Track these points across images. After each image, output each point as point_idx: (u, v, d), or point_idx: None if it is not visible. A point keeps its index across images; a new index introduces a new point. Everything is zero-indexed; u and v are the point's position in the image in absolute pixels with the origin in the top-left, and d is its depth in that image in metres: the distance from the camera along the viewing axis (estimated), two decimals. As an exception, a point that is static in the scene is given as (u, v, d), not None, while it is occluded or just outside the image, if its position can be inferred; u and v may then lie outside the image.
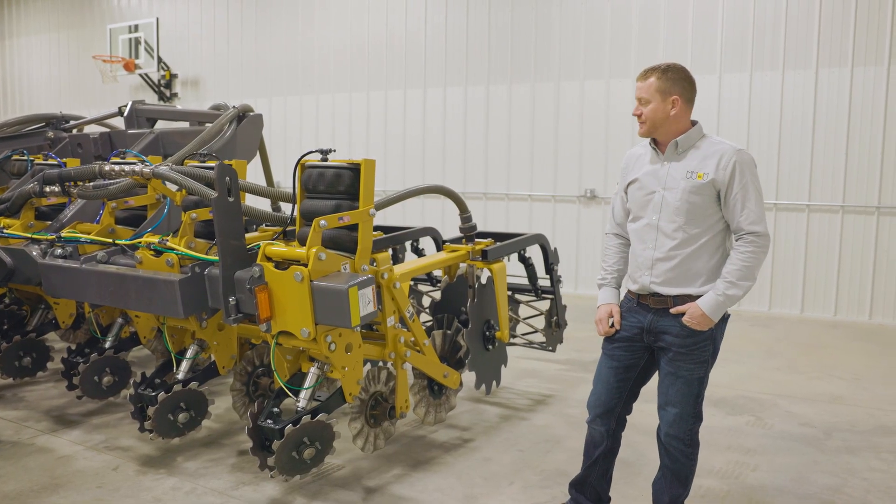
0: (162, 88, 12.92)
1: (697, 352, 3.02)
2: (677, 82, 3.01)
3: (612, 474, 3.44)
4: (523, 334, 5.74)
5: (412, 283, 5.55)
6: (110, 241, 4.48)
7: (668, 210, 3.01)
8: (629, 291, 3.23)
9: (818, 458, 4.33)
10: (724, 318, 3.08)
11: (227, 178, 3.71)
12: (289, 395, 3.80)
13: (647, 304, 3.11)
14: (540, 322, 5.73)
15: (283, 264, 3.65)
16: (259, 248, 3.74)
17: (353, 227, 3.74)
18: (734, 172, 2.93)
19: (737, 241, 2.99)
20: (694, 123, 3.06)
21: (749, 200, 2.95)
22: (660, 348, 3.10)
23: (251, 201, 4.50)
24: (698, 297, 3.00)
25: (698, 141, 3.04)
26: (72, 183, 4.68)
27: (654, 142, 3.10)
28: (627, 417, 3.36)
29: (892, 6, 7.64)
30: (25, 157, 5.49)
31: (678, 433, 3.11)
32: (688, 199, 2.97)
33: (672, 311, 3.02)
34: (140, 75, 12.88)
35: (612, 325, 3.21)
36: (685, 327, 2.99)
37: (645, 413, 5.07)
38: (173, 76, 12.90)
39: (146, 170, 4.14)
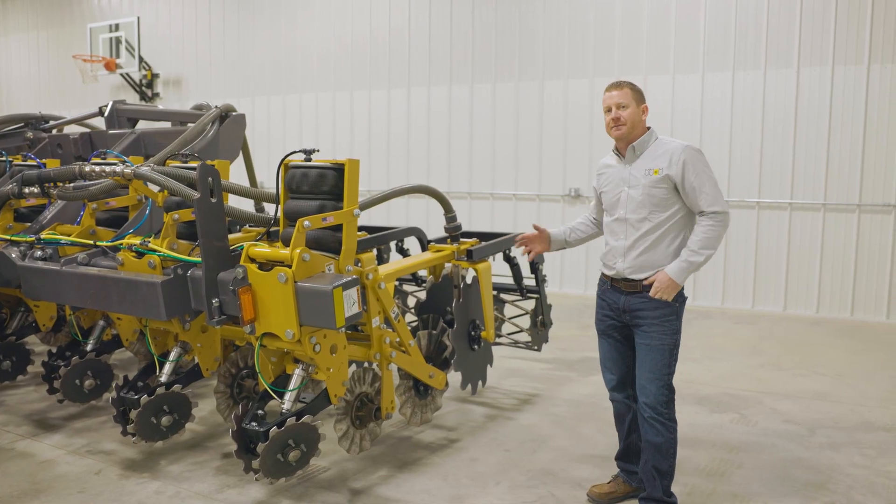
0: (143, 88, 12.82)
1: (668, 322, 3.42)
2: (642, 95, 3.54)
3: None
4: (509, 334, 5.74)
5: (397, 283, 5.53)
6: (91, 242, 4.43)
7: (633, 204, 3.45)
8: (603, 275, 3.64)
9: (802, 455, 4.36)
10: (683, 300, 3.48)
11: (210, 179, 3.68)
12: (273, 397, 3.78)
13: (619, 288, 3.53)
14: (525, 321, 5.73)
15: (266, 265, 3.62)
16: (242, 249, 3.72)
17: (338, 228, 3.72)
18: (685, 166, 3.37)
19: (700, 218, 3.40)
20: (648, 128, 3.53)
21: (704, 186, 3.36)
22: (635, 325, 3.49)
23: (234, 202, 4.47)
24: None
25: (652, 143, 3.50)
26: (51, 184, 4.62)
27: (616, 150, 3.57)
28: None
29: (872, 6, 7.71)
30: (4, 158, 5.41)
31: (657, 403, 3.43)
32: (649, 193, 3.42)
33: (645, 282, 3.42)
34: (121, 75, 12.77)
35: (530, 249, 3.86)
36: (655, 301, 3.40)
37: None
38: (155, 76, 12.80)
39: (127, 170, 4.09)
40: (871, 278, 7.96)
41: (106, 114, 6.74)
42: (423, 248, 5.16)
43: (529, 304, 5.63)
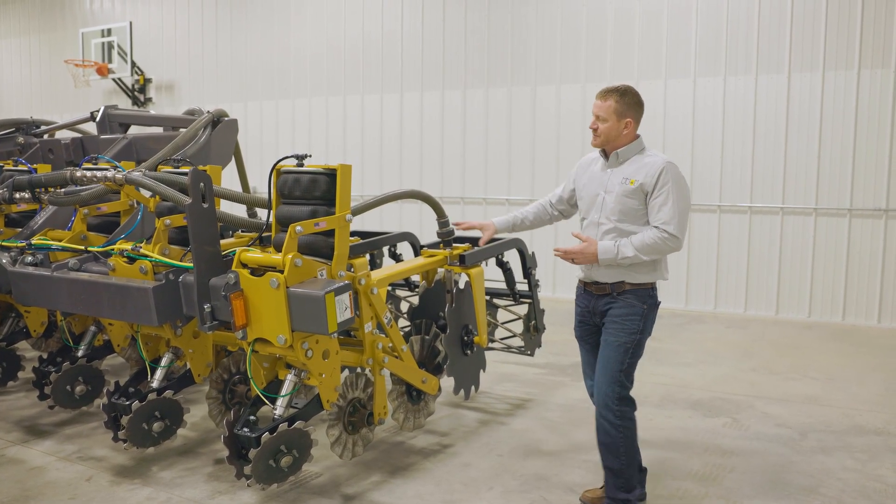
0: (136, 93, 12.79)
1: (629, 322, 3.46)
2: (631, 107, 3.47)
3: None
4: (502, 339, 5.74)
5: (390, 288, 5.52)
6: (82, 248, 4.42)
7: (606, 210, 3.49)
8: (579, 280, 3.69)
9: (794, 459, 4.37)
10: (655, 304, 3.55)
11: (202, 184, 3.67)
12: (265, 403, 3.77)
13: (591, 291, 3.59)
14: (518, 326, 5.73)
15: (258, 271, 3.62)
16: (234, 254, 3.71)
17: (330, 233, 3.71)
18: (659, 179, 3.38)
19: (651, 227, 3.41)
20: (637, 136, 3.51)
21: (667, 205, 3.37)
22: (602, 325, 3.55)
23: (226, 207, 4.46)
24: (631, 283, 3.47)
25: (637, 153, 3.51)
26: (42, 189, 4.60)
27: (603, 151, 3.57)
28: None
29: (862, 12, 7.77)
30: (-5, 163, 5.39)
31: (608, 401, 3.44)
32: (621, 202, 3.44)
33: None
34: (113, 80, 12.73)
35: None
36: (621, 302, 3.47)
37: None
38: (147, 80, 12.77)
39: (119, 176, 4.08)
40: (862, 282, 7.99)
41: (98, 119, 6.73)
42: (416, 253, 5.16)
43: (522, 309, 5.64)
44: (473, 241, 5.14)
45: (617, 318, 3.47)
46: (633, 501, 3.54)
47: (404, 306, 5.82)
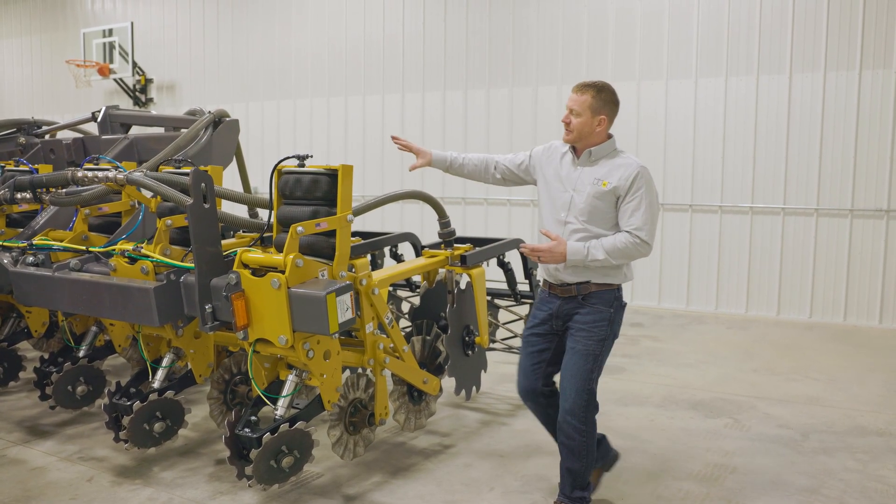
0: (137, 93, 12.79)
1: (596, 329, 3.40)
2: (607, 104, 3.41)
3: None
4: (503, 339, 5.74)
5: (391, 288, 5.52)
6: (84, 248, 4.42)
7: (575, 209, 3.41)
8: (543, 281, 3.62)
9: (795, 460, 4.37)
10: (622, 306, 3.48)
11: (203, 185, 3.67)
12: (267, 404, 3.77)
13: (556, 294, 3.50)
14: (519, 327, 5.73)
15: (260, 271, 3.62)
16: (236, 254, 3.71)
17: (331, 234, 3.71)
18: (633, 183, 3.32)
19: (621, 231, 3.35)
20: (609, 136, 3.47)
21: (640, 210, 3.32)
22: (566, 330, 3.48)
23: (228, 207, 4.46)
24: (597, 283, 3.40)
25: (610, 153, 3.45)
26: (44, 189, 4.60)
27: (573, 147, 3.50)
28: (555, 381, 3.66)
29: (863, 12, 7.76)
30: (-4, 164, 5.39)
31: (573, 409, 3.40)
32: (591, 203, 3.37)
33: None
34: (115, 80, 12.74)
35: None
36: (587, 308, 3.40)
37: (625, 416, 5.10)
38: (149, 81, 12.78)
39: (120, 176, 4.08)
40: (863, 283, 7.99)
41: (99, 119, 6.73)
42: (418, 254, 5.16)
43: (524, 310, 5.63)
44: (474, 242, 5.14)
45: (584, 324, 3.41)
46: (587, 498, 3.57)
47: (405, 307, 5.81)
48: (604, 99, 3.40)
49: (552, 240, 3.35)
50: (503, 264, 5.31)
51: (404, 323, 5.34)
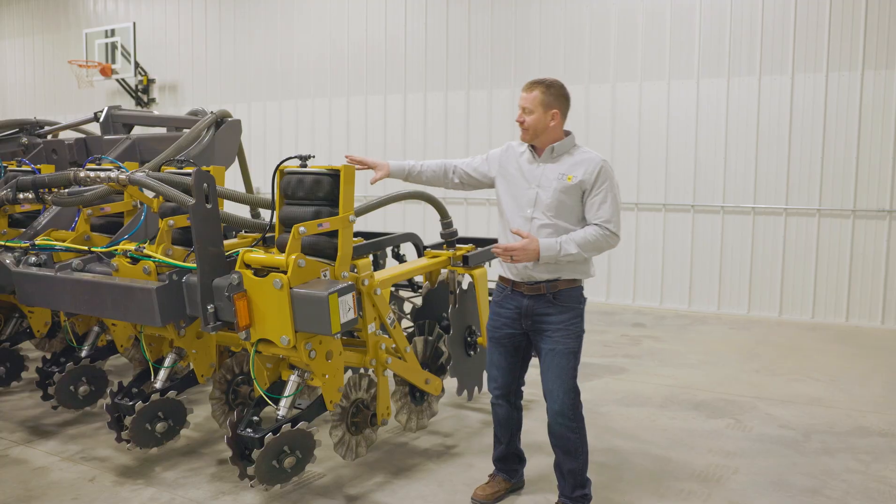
0: (139, 94, 12.80)
1: (572, 326, 3.44)
2: (558, 98, 3.46)
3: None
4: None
5: (393, 289, 5.52)
6: (86, 248, 4.42)
7: (541, 206, 3.42)
8: (501, 279, 3.61)
9: (797, 461, 4.36)
10: (585, 301, 3.53)
11: (205, 185, 3.68)
12: (269, 404, 3.77)
13: (521, 291, 3.49)
14: (521, 327, 5.71)
15: (262, 271, 3.62)
16: (238, 255, 3.71)
17: (333, 234, 3.71)
18: (598, 177, 3.38)
19: (589, 225, 3.39)
20: (567, 133, 3.51)
21: (606, 203, 3.37)
22: (538, 330, 3.48)
23: (230, 208, 4.47)
24: (566, 280, 3.43)
25: (571, 149, 3.49)
26: (46, 189, 4.61)
27: (532, 146, 3.52)
28: (523, 389, 3.84)
29: (865, 13, 7.75)
30: (-1, 164, 5.39)
31: (564, 408, 3.44)
32: (558, 198, 3.40)
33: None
34: (117, 80, 12.76)
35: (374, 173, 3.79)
36: (559, 306, 3.42)
37: (627, 417, 5.10)
38: (151, 81, 12.79)
39: (122, 176, 4.08)
40: (865, 284, 7.98)
41: (101, 119, 6.74)
42: (420, 254, 5.16)
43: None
44: (477, 242, 5.14)
45: (559, 324, 3.43)
46: (589, 495, 3.60)
47: (408, 307, 5.81)
48: (553, 94, 3.44)
49: (524, 238, 3.36)
50: (505, 265, 5.30)
51: (406, 323, 5.34)
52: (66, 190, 4.58)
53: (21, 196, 4.68)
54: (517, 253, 3.33)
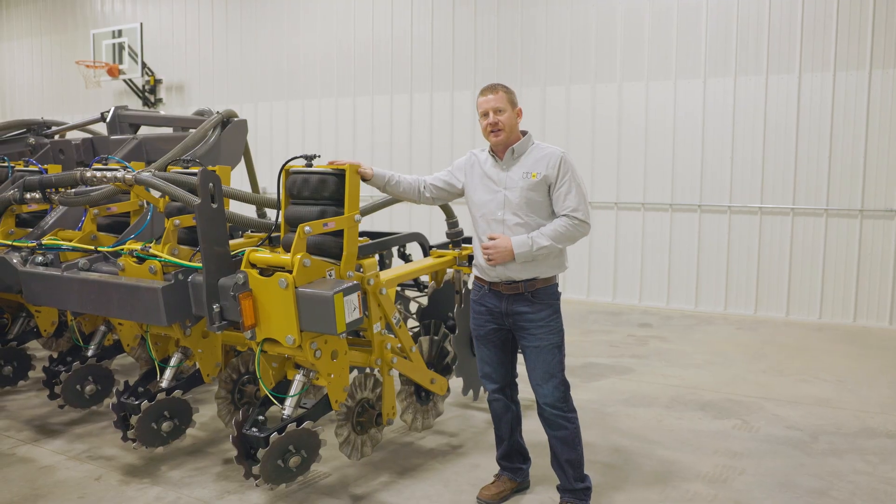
0: (146, 94, 12.84)
1: (553, 322, 3.52)
2: (515, 98, 3.57)
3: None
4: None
5: (399, 288, 5.52)
6: (92, 248, 4.44)
7: (511, 206, 3.49)
8: (478, 279, 3.66)
9: (804, 461, 4.34)
10: (558, 296, 3.58)
11: (211, 185, 3.68)
12: (274, 403, 3.77)
13: (498, 291, 3.56)
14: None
15: (267, 271, 3.62)
16: (243, 254, 3.71)
17: (339, 233, 3.71)
18: (560, 170, 3.46)
19: (559, 217, 3.46)
20: (524, 133, 3.58)
21: (571, 193, 3.45)
22: (520, 328, 3.55)
23: (236, 207, 4.47)
24: (543, 278, 3.50)
25: (530, 147, 3.56)
26: (53, 189, 4.62)
27: (492, 151, 3.58)
28: (518, 382, 3.87)
29: (873, 12, 7.72)
30: (6, 164, 5.42)
31: (555, 401, 3.55)
32: (526, 196, 3.47)
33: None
34: (124, 80, 12.79)
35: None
36: (537, 304, 3.49)
37: (633, 417, 5.08)
38: (158, 81, 12.82)
39: (129, 176, 4.09)
40: (873, 284, 7.94)
41: (108, 119, 6.76)
42: (426, 254, 5.16)
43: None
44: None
45: (540, 321, 3.50)
46: (590, 486, 3.67)
47: (413, 307, 5.81)
48: (512, 93, 3.56)
49: (495, 239, 3.43)
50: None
51: (412, 323, 5.34)
52: (73, 190, 4.60)
53: (28, 196, 4.71)
54: (493, 252, 3.41)
